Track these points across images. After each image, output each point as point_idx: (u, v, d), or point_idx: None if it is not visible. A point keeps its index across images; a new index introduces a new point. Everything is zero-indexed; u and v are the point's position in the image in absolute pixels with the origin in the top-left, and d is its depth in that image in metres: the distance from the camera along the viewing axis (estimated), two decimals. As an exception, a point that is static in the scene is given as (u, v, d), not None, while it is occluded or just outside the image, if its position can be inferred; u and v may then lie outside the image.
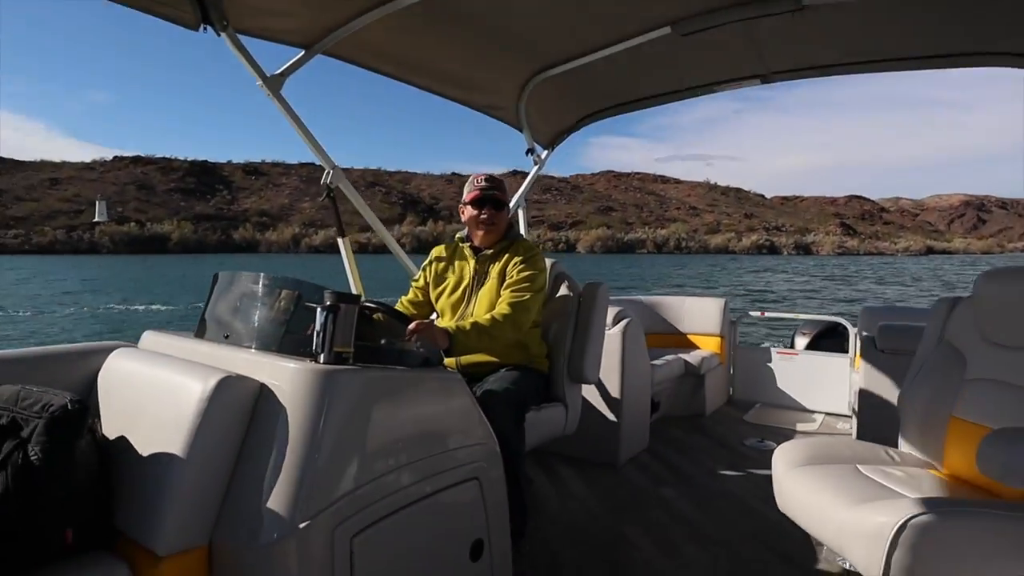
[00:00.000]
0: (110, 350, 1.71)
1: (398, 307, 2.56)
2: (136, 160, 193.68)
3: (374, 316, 1.81)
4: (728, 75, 3.42)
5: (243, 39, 2.38)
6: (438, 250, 2.64)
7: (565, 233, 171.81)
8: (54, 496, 1.23)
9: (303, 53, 2.60)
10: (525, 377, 2.36)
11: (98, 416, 1.53)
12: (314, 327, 1.46)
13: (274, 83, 2.47)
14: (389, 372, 1.53)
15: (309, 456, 1.31)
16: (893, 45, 3.01)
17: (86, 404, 1.32)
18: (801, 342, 4.93)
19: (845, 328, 4.57)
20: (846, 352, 4.45)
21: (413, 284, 2.62)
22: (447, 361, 2.18)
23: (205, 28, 2.19)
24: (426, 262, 2.62)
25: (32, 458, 1.22)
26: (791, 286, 38.49)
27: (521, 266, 2.38)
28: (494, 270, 2.42)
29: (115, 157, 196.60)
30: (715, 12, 2.60)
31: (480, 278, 2.46)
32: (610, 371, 3.19)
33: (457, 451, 1.68)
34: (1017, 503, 1.61)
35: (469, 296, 2.45)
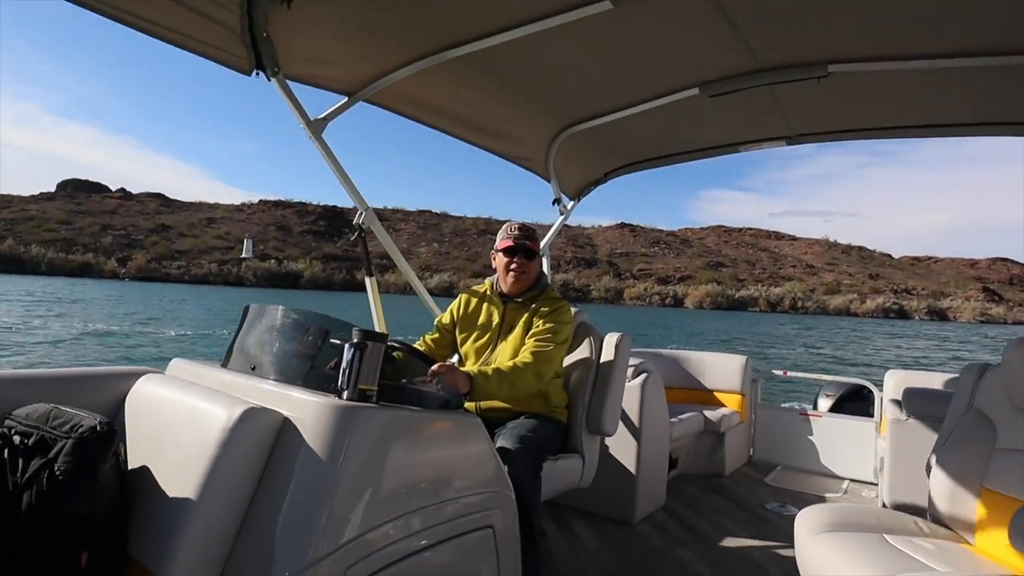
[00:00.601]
0: (139, 375, 1.73)
1: (420, 345, 2.59)
2: (277, 204, 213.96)
3: (395, 355, 1.80)
4: (754, 135, 3.51)
5: (291, 85, 2.47)
6: (467, 294, 2.65)
7: (673, 287, 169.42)
8: (74, 518, 1.23)
9: (345, 100, 2.71)
10: (544, 426, 2.34)
11: (123, 440, 1.52)
12: (340, 363, 1.46)
13: (316, 126, 2.56)
14: (410, 413, 1.52)
15: (326, 494, 1.29)
16: (919, 113, 3.06)
17: (113, 427, 1.33)
18: (824, 404, 4.80)
19: (870, 391, 4.47)
20: (871, 416, 4.33)
21: (437, 323, 2.64)
22: (466, 405, 2.17)
23: (257, 73, 2.29)
24: (454, 304, 2.64)
25: (58, 478, 1.23)
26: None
27: (547, 317, 2.39)
28: (521, 319, 2.43)
29: (260, 200, 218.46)
30: (743, 76, 2.69)
31: (507, 326, 2.47)
32: (629, 424, 3.13)
33: (473, 497, 1.65)
34: None
35: (495, 342, 2.46)
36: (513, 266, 2.45)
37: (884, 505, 3.37)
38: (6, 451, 1.30)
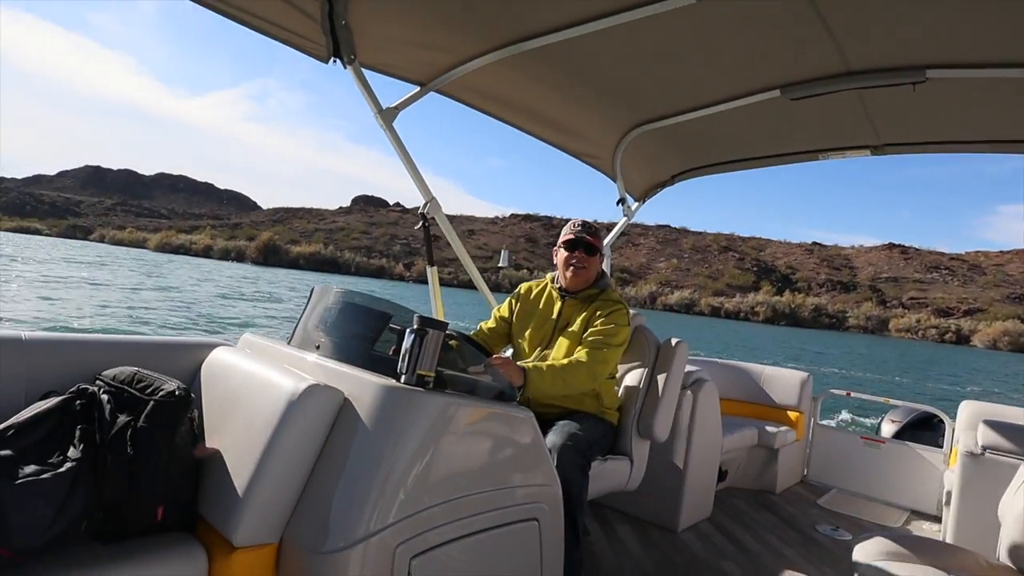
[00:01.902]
0: (214, 346, 1.85)
1: (476, 333, 2.63)
2: (526, 217, 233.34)
3: (451, 343, 1.81)
4: (837, 143, 3.33)
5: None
6: (527, 286, 2.66)
7: (955, 321, 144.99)
8: (153, 473, 1.33)
9: (417, 90, 2.74)
10: (595, 426, 2.35)
11: (197, 405, 1.62)
12: (400, 348, 1.50)
13: (388, 115, 2.59)
14: (465, 401, 1.56)
15: (381, 471, 1.35)
16: (1014, 127, 2.86)
17: (189, 393, 1.44)
18: (889, 429, 4.60)
19: (941, 420, 4.23)
20: (940, 447, 4.08)
21: (495, 312, 2.67)
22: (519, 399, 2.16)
23: (334, 61, 2.36)
24: (513, 295, 2.66)
25: (140, 435, 1.33)
26: None
27: (605, 318, 2.37)
28: (579, 316, 2.43)
29: (511, 214, 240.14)
30: (829, 79, 2.54)
31: (564, 321, 2.47)
32: (679, 431, 3.06)
33: (520, 489, 1.68)
34: None
35: (551, 336, 2.47)
36: (573, 260, 2.45)
37: (948, 540, 3.13)
38: (94, 408, 1.40)
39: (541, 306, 2.56)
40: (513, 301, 2.65)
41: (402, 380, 1.48)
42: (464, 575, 1.52)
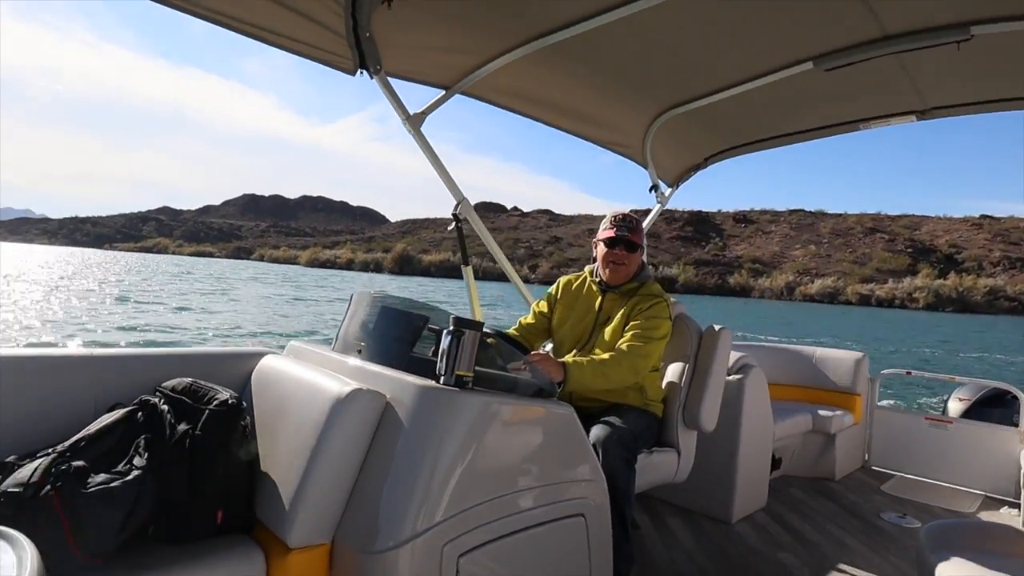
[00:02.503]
0: (262, 355, 1.92)
1: (515, 329, 2.62)
2: (646, 213, 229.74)
3: (489, 341, 1.80)
4: (879, 111, 3.18)
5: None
6: (566, 279, 2.65)
7: None
8: (212, 479, 1.40)
9: (443, 93, 2.75)
10: (639, 418, 2.32)
11: (250, 412, 1.68)
12: (438, 350, 1.53)
13: (416, 120, 2.60)
14: (505, 399, 1.58)
15: (426, 471, 1.38)
16: None
17: (241, 401, 1.51)
18: (956, 408, 4.36)
19: (1014, 397, 3.96)
20: (1016, 425, 3.84)
21: (534, 308, 2.66)
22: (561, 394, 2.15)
23: (361, 72, 2.37)
24: (552, 289, 2.65)
25: (199, 443, 1.41)
26: None
27: (647, 311, 2.36)
28: (620, 309, 2.41)
29: (631, 210, 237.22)
30: (865, 46, 2.44)
31: (604, 315, 2.45)
32: (728, 420, 2.96)
33: (565, 485, 1.69)
34: None
35: (592, 331, 2.45)
36: (613, 258, 2.43)
37: None
38: (156, 418, 1.48)
39: (581, 300, 2.54)
40: (553, 296, 2.64)
41: (441, 381, 1.51)
42: (512, 572, 1.54)
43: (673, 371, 2.63)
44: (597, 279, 2.54)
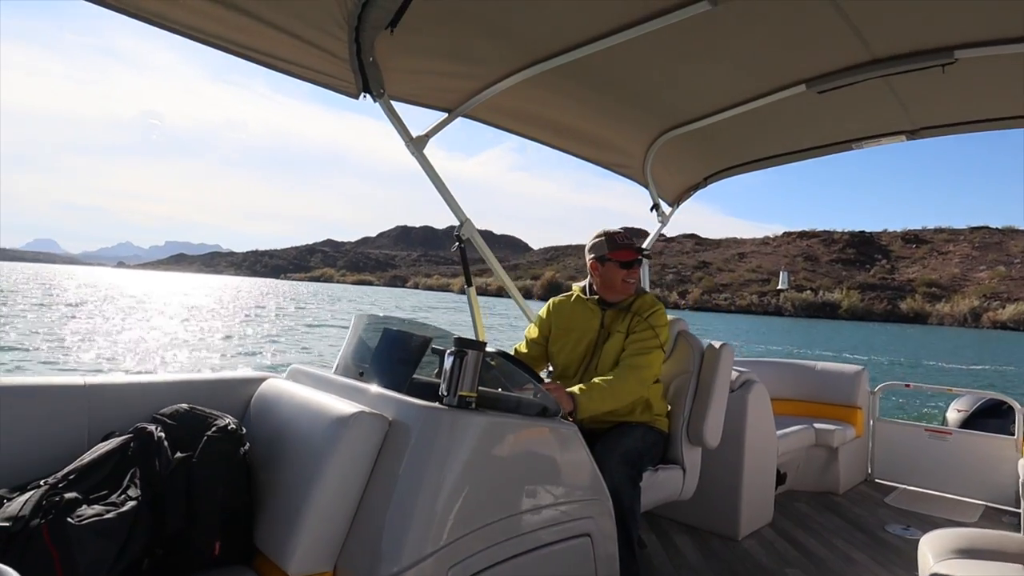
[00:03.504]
0: (263, 379, 1.88)
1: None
2: (801, 235, 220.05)
3: (491, 363, 1.77)
4: (870, 131, 3.30)
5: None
6: (557, 301, 2.63)
7: None
8: (210, 509, 1.36)
9: (446, 116, 2.77)
10: (644, 435, 2.32)
11: (250, 438, 1.61)
12: (441, 371, 1.53)
13: (419, 143, 2.62)
14: (509, 419, 1.57)
15: (430, 494, 1.36)
16: None
17: (241, 427, 1.48)
18: (955, 419, 4.42)
19: (1010, 407, 4.04)
20: (1012, 435, 3.90)
21: (527, 336, 2.65)
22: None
23: (364, 96, 2.41)
24: (542, 312, 2.64)
25: (197, 471, 1.37)
26: None
27: (644, 321, 2.37)
28: (620, 324, 2.41)
29: (783, 233, 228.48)
30: (854, 69, 2.53)
31: (605, 331, 2.44)
32: (732, 436, 2.96)
33: (570, 505, 1.68)
34: None
35: (594, 349, 2.44)
36: (631, 279, 2.44)
37: None
38: (153, 446, 1.43)
39: (580, 320, 2.52)
40: (545, 320, 2.61)
41: (444, 402, 1.49)
42: None
43: (677, 388, 2.65)
44: (595, 297, 2.51)
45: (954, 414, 4.49)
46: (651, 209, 3.98)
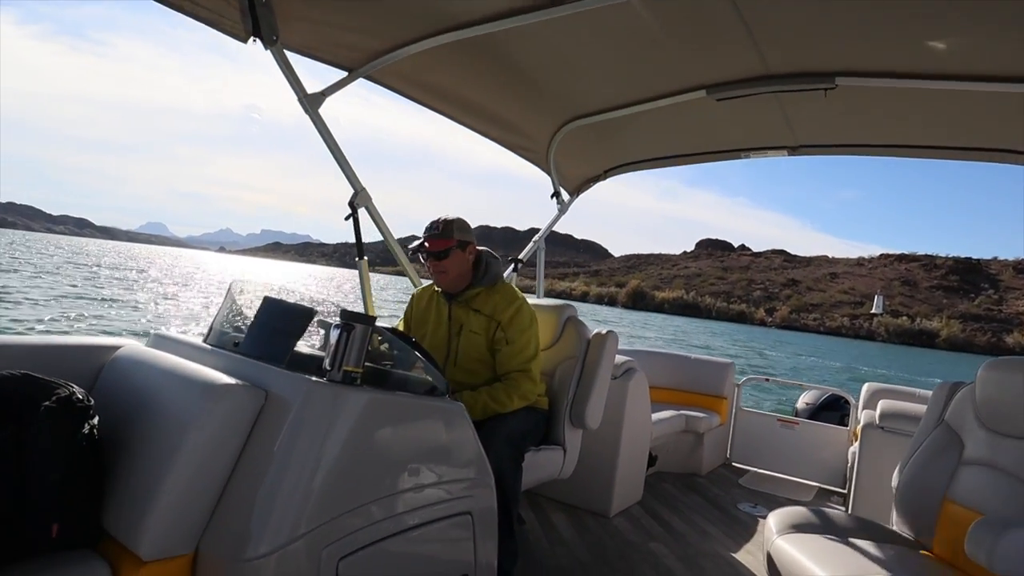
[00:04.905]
0: (118, 347, 1.70)
1: None
2: (900, 258, 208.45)
3: (380, 339, 1.72)
4: (757, 143, 3.48)
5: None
6: (418, 293, 2.63)
7: None
8: (46, 488, 1.21)
9: (346, 75, 2.64)
10: (527, 416, 2.36)
11: (100, 411, 1.43)
12: (326, 344, 1.46)
13: (314, 101, 2.49)
14: (395, 397, 1.52)
15: (306, 473, 1.29)
16: (919, 133, 3.06)
17: (90, 397, 1.32)
18: (802, 410, 4.95)
19: (847, 402, 4.60)
20: (846, 426, 4.43)
21: (399, 325, 2.62)
22: None
23: (254, 40, 2.21)
24: (408, 306, 2.63)
25: (30, 447, 1.21)
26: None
27: (513, 323, 2.35)
28: (473, 318, 2.38)
29: (880, 255, 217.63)
30: (751, 81, 2.66)
31: (456, 324, 2.42)
32: (611, 420, 3.14)
33: (453, 483, 1.66)
34: None
35: (449, 343, 2.42)
36: (437, 272, 2.39)
37: (852, 512, 3.39)
38: None
39: (432, 313, 2.51)
40: (408, 313, 2.62)
41: (328, 377, 1.42)
42: (396, 572, 1.49)
43: (562, 372, 2.72)
44: (440, 289, 2.49)
45: (802, 406, 5.01)
46: (551, 196, 4.02)
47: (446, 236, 2.34)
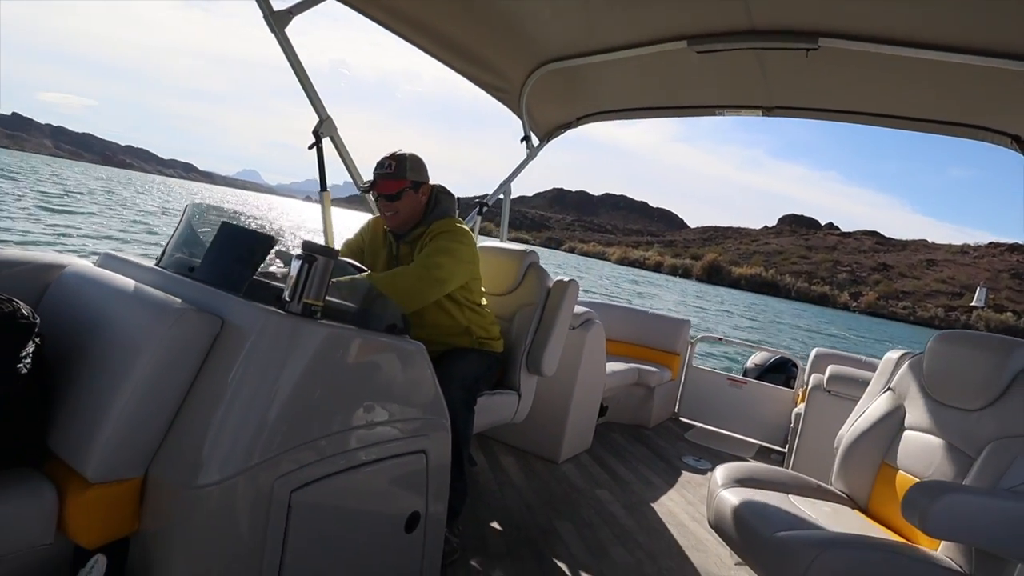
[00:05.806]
0: (64, 265, 1.64)
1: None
2: (1012, 248, 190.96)
3: (342, 273, 1.67)
4: (733, 100, 3.42)
5: None
6: (373, 222, 2.53)
7: None
8: None
9: None
10: (480, 359, 2.38)
11: (45, 330, 1.39)
12: (288, 275, 1.43)
13: (281, 19, 2.35)
14: (354, 332, 1.50)
15: (260, 404, 1.28)
16: (897, 103, 3.02)
17: (35, 314, 1.28)
18: (751, 371, 5.05)
19: (795, 365, 4.78)
20: (791, 388, 4.60)
21: (344, 244, 2.53)
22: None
23: None
24: (363, 228, 2.53)
25: None
26: None
27: (434, 242, 2.24)
28: (415, 254, 2.29)
29: (989, 243, 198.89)
30: (734, 36, 2.60)
31: (394, 263, 2.38)
32: (566, 369, 3.20)
33: (409, 422, 1.67)
34: (930, 550, 1.73)
35: None
36: (387, 212, 2.30)
37: (791, 470, 3.45)
38: None
39: (380, 248, 2.45)
40: (359, 235, 2.53)
41: (287, 309, 1.39)
42: (348, 506, 1.50)
43: (521, 318, 2.75)
44: (386, 227, 2.42)
45: (751, 366, 5.16)
46: (521, 140, 3.97)
47: (399, 176, 2.26)
